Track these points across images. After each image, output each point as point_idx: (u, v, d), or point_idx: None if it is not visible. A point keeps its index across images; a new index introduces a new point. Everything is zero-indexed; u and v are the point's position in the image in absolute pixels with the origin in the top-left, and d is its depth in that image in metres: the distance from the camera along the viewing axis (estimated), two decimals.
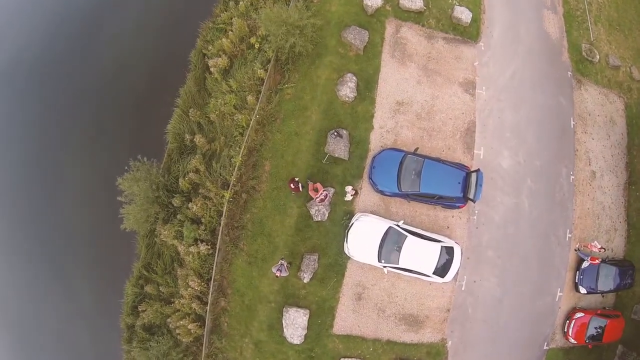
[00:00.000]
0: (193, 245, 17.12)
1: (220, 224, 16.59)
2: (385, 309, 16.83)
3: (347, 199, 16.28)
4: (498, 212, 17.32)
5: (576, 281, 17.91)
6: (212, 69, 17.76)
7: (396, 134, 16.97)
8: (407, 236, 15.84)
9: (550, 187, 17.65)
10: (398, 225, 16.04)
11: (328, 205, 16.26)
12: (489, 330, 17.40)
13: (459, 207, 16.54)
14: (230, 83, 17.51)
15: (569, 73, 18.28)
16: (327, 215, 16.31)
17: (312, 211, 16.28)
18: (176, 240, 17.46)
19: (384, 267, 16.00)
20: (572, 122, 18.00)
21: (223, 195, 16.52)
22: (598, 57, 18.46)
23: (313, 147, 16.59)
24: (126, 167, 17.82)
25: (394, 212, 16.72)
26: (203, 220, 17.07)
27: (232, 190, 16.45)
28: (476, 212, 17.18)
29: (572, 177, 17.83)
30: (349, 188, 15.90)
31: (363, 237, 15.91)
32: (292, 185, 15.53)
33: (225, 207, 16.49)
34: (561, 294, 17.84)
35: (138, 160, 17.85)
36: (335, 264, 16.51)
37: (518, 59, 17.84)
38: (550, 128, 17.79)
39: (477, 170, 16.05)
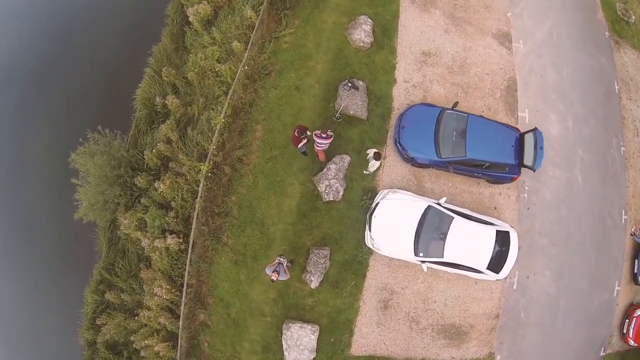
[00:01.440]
0: (160, 238, 8.64)
1: (195, 208, 8.33)
2: (419, 319, 8.50)
3: (368, 172, 8.06)
4: (550, 189, 9.42)
5: (635, 271, 10.02)
6: (191, 18, 9.74)
7: (425, 89, 9.05)
8: (453, 218, 7.57)
9: (602, 159, 9.89)
10: (439, 204, 7.99)
11: (343, 178, 8.13)
12: (542, 337, 9.28)
13: (511, 180, 8.46)
14: (213, 34, 9.45)
15: (606, 33, 10.88)
16: (341, 192, 8.00)
17: (322, 187, 7.88)
18: (139, 232, 8.86)
19: (423, 262, 7.84)
20: (616, 87, 10.53)
21: (199, 169, 8.30)
22: (633, 18, 11.27)
23: (320, 105, 8.36)
24: (81, 140, 9.40)
25: (428, 188, 8.56)
26: (173, 204, 8.58)
27: (211, 162, 8.13)
28: (526, 188, 9.27)
29: (622, 148, 10.21)
30: (370, 151, 7.66)
31: (393, 222, 7.52)
32: (296, 133, 7.20)
33: (201, 185, 8.08)
34: (619, 287, 9.99)
35: (98, 131, 9.47)
36: (354, 261, 8.05)
37: (553, 13, 10.38)
38: (595, 91, 10.22)
39: (534, 130, 8.05)
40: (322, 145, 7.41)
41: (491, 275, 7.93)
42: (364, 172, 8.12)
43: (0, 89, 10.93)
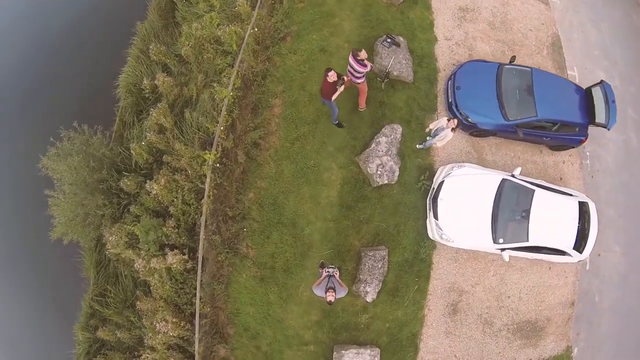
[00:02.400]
0: (157, 256, 5.42)
1: (201, 213, 5.20)
2: (493, 320, 5.57)
3: (422, 146, 5.06)
4: (610, 153, 6.81)
5: None
6: None
7: (469, 47, 6.18)
8: (534, 191, 4.77)
9: None
10: (514, 176, 5.10)
11: (396, 154, 4.90)
12: (616, 321, 6.48)
13: (580, 143, 5.72)
14: (210, 0, 6.44)
15: None
16: (397, 173, 4.93)
17: (372, 168, 4.77)
18: (131, 250, 5.65)
19: (503, 251, 4.99)
20: None
21: (203, 160, 5.19)
22: None
23: None
24: (52, 139, 5.94)
25: (490, 161, 5.64)
26: (172, 210, 5.35)
27: (219, 148, 5.01)
28: (588, 154, 6.59)
29: None
30: (442, 120, 4.54)
31: (464, 204, 4.64)
32: (327, 77, 4.15)
33: (208, 180, 4.86)
34: None
35: (74, 129, 6.06)
36: (415, 259, 5.01)
37: None
38: (634, 49, 7.74)
39: (601, 83, 5.54)
40: (359, 76, 4.54)
41: (576, 256, 5.28)
42: (417, 146, 5.26)
43: None
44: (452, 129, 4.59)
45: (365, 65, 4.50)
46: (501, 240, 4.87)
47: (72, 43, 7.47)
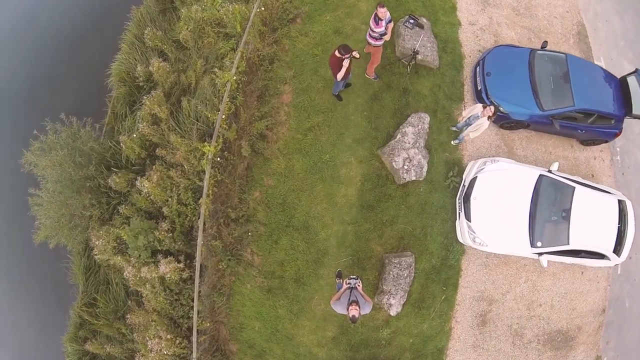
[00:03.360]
0: (148, 263, 4.47)
1: (200, 214, 4.25)
2: (523, 331, 4.67)
3: (458, 141, 4.14)
4: (639, 149, 6.32)
5: None
6: None
7: (495, 33, 5.33)
8: (574, 188, 3.82)
9: None
10: (551, 172, 4.13)
11: (424, 147, 3.88)
12: None
13: (614, 136, 4.81)
14: None
15: None
16: (425, 168, 3.96)
17: (398, 162, 3.78)
18: (120, 256, 4.74)
19: (541, 255, 4.04)
20: None
21: (203, 153, 4.20)
22: None
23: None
24: (36, 132, 4.64)
25: (521, 155, 4.71)
26: (166, 210, 4.41)
27: (221, 140, 4.05)
28: (618, 149, 5.69)
29: None
30: (477, 108, 3.55)
31: (497, 203, 3.68)
32: (337, 52, 3.12)
33: (207, 177, 3.86)
34: None
35: (61, 121, 4.72)
36: (443, 266, 4.07)
37: None
38: None
39: (636, 72, 4.61)
40: (374, 36, 3.66)
41: (614, 260, 4.45)
42: (452, 142, 4.34)
43: None
44: (489, 117, 3.69)
45: (379, 25, 3.64)
46: (539, 244, 4.00)
47: (61, 32, 6.44)
